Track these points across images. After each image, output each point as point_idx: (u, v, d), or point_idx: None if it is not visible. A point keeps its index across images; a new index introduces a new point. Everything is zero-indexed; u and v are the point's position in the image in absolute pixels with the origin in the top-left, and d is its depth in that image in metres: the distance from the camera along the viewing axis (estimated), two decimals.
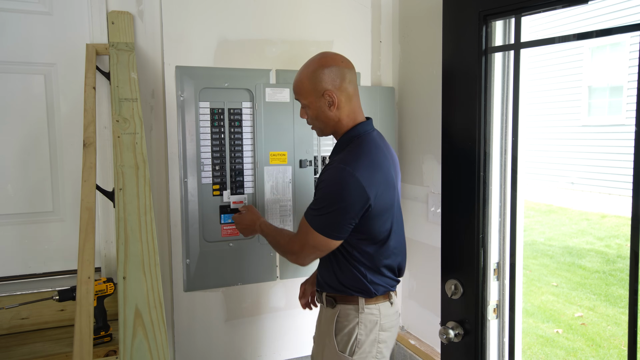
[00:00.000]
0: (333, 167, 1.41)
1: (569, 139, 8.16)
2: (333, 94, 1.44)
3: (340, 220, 1.39)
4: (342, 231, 1.41)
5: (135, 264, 1.33)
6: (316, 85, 1.45)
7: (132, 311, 1.27)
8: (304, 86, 1.47)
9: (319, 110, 1.48)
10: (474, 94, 1.33)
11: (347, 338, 1.49)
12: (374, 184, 1.39)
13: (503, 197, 1.41)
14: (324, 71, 1.45)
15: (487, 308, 1.39)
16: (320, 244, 1.43)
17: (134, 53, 1.72)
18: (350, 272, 1.49)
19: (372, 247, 1.47)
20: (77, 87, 1.77)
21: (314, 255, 1.48)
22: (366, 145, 1.46)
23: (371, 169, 1.41)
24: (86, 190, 1.43)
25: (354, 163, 1.39)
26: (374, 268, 1.49)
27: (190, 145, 1.87)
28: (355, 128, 1.49)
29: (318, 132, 1.56)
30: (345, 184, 1.36)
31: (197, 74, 1.87)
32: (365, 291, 1.49)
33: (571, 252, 5.36)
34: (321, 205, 1.41)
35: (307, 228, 1.44)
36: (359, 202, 1.38)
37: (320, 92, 1.45)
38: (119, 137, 1.52)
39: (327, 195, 1.40)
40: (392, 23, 2.23)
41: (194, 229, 1.89)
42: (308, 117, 1.52)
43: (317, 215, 1.42)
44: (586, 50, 7.99)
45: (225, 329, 1.98)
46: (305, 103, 1.49)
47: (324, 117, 1.48)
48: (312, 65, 1.47)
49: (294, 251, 1.50)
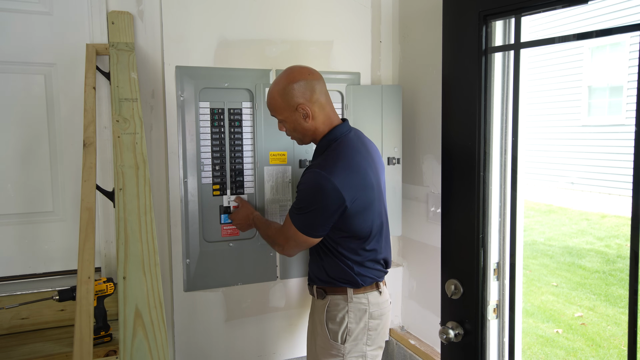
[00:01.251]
0: (311, 171, 1.50)
1: (569, 139, 8.16)
2: (306, 107, 1.53)
3: (318, 220, 1.50)
4: (320, 230, 1.52)
5: (135, 264, 1.33)
6: (288, 100, 1.53)
7: (132, 311, 1.27)
8: (277, 103, 1.55)
9: (295, 123, 1.57)
10: (474, 94, 1.33)
11: (338, 327, 1.58)
12: (350, 187, 1.48)
13: (503, 197, 1.41)
14: (293, 87, 1.52)
15: (487, 308, 1.39)
16: (301, 240, 1.55)
17: (134, 53, 1.72)
18: (337, 266, 1.58)
19: (356, 243, 1.57)
20: (77, 87, 1.77)
21: (298, 249, 1.61)
22: (343, 149, 1.54)
23: (347, 172, 1.49)
24: (86, 190, 1.43)
25: (330, 167, 1.47)
26: (359, 262, 1.58)
27: (190, 145, 1.87)
28: (331, 132, 1.58)
29: (298, 141, 1.66)
30: (321, 188, 1.46)
31: (197, 74, 1.87)
32: (352, 282, 1.58)
33: (571, 252, 5.36)
34: (300, 206, 1.52)
35: (289, 225, 1.55)
36: (335, 204, 1.47)
37: (293, 106, 1.53)
38: (119, 137, 1.52)
39: (305, 197, 1.50)
40: (392, 23, 2.23)
41: (194, 229, 1.89)
42: (286, 129, 1.61)
43: (297, 214, 1.53)
44: (586, 50, 7.99)
45: (226, 329, 1.98)
46: (282, 118, 1.58)
47: (301, 129, 1.58)
48: (281, 82, 1.54)
49: (280, 243, 1.63)
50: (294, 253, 1.64)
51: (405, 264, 2.24)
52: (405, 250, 2.24)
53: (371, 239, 1.57)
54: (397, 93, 2.15)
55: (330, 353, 1.58)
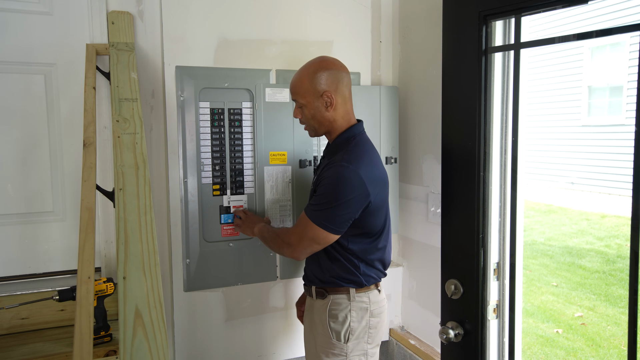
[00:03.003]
0: (336, 165, 1.48)
1: (569, 139, 8.16)
2: (331, 95, 1.53)
3: (341, 214, 1.47)
4: (342, 225, 1.49)
5: (135, 264, 1.33)
6: (315, 86, 1.52)
7: (132, 311, 1.27)
8: (304, 86, 1.54)
9: (316, 110, 1.55)
10: (474, 94, 1.33)
11: (341, 326, 1.57)
12: (374, 182, 1.49)
13: (503, 197, 1.41)
14: (323, 73, 1.53)
15: (487, 308, 1.39)
16: (318, 237, 1.50)
17: (134, 53, 1.72)
18: (342, 266, 1.57)
19: (367, 240, 1.56)
20: (77, 87, 1.77)
21: (311, 249, 1.55)
22: (364, 145, 1.56)
23: (371, 167, 1.50)
24: (86, 190, 1.43)
25: (356, 161, 1.48)
26: (366, 260, 1.58)
27: (190, 145, 1.87)
28: (351, 129, 1.59)
29: (311, 132, 1.63)
30: (349, 181, 1.45)
31: (197, 74, 1.87)
32: (356, 283, 1.58)
33: (571, 252, 5.36)
34: (323, 201, 1.48)
35: (306, 221, 1.51)
36: (361, 198, 1.46)
37: (319, 92, 1.53)
38: (119, 137, 1.52)
39: (331, 191, 1.47)
40: (392, 23, 2.23)
41: (194, 229, 1.89)
42: (303, 116, 1.59)
43: (317, 210, 1.50)
44: (586, 50, 8.00)
45: (225, 329, 1.98)
46: (303, 102, 1.56)
47: (320, 117, 1.56)
48: (312, 66, 1.55)
49: (291, 243, 1.57)
50: (305, 255, 1.58)
51: (405, 264, 2.24)
52: (405, 250, 2.24)
53: (382, 237, 1.59)
54: (394, 94, 2.15)
55: (333, 352, 1.57)
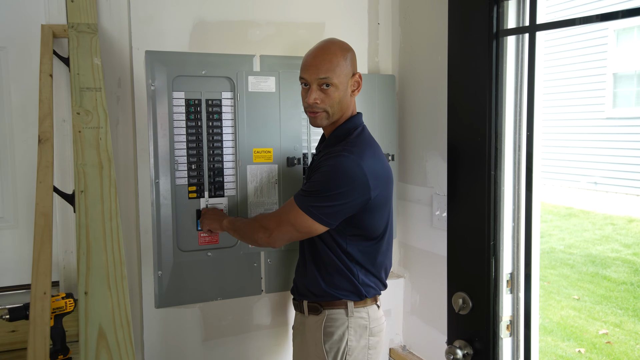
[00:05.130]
0: (337, 154, 1.49)
1: (591, 134, 8.23)
2: (360, 78, 1.59)
3: (334, 205, 1.47)
4: (331, 217, 1.49)
5: (99, 277, 1.33)
6: (350, 65, 1.57)
7: (95, 331, 1.27)
8: (340, 64, 1.54)
9: (344, 93, 1.57)
10: (484, 83, 1.34)
11: (337, 346, 1.57)
12: (377, 177, 1.50)
13: (517, 199, 1.42)
14: (352, 54, 1.59)
15: (500, 325, 1.40)
16: (299, 224, 1.50)
17: (97, 36, 1.71)
18: (340, 273, 1.58)
19: (368, 243, 1.58)
20: (31, 74, 1.76)
21: (289, 235, 1.55)
22: (367, 137, 1.59)
23: (375, 161, 1.52)
24: (42, 193, 1.42)
25: (360, 152, 1.50)
26: (367, 267, 1.59)
27: (162, 142, 1.86)
28: (353, 119, 1.61)
29: (324, 119, 1.58)
30: (349, 171, 1.46)
31: (170, 60, 1.86)
32: (355, 293, 1.58)
33: (594, 261, 5.41)
34: (316, 188, 1.49)
35: (290, 205, 1.53)
36: (359, 193, 1.48)
37: (351, 73, 1.57)
38: (80, 132, 1.51)
39: (326, 179, 1.48)
40: (392, 2, 2.24)
41: (166, 237, 1.88)
42: (327, 98, 1.54)
43: (307, 195, 1.50)
44: (611, 33, 8.07)
45: (203, 351, 1.98)
46: (337, 82, 1.54)
47: (346, 101, 1.58)
48: (340, 45, 1.58)
49: (267, 227, 1.57)
50: (282, 242, 1.59)
51: (407, 275, 2.25)
52: (407, 260, 2.25)
53: (383, 240, 1.60)
54: (391, 84, 2.16)
55: None
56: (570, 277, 5.06)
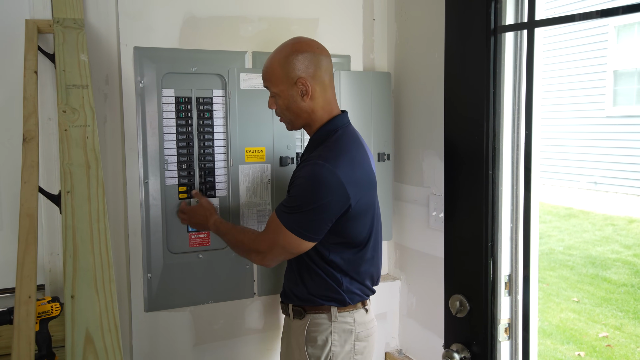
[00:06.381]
0: (311, 162, 1.48)
1: (591, 132, 8.27)
2: (307, 82, 1.52)
3: (316, 219, 1.47)
4: (318, 232, 1.49)
5: (86, 280, 1.32)
6: (288, 72, 1.52)
7: (82, 336, 1.26)
8: (275, 72, 1.54)
9: (290, 100, 1.55)
10: (482, 81, 1.34)
11: (320, 351, 1.57)
12: (355, 183, 1.48)
13: (515, 199, 1.43)
14: (297, 57, 1.53)
15: (498, 328, 1.41)
16: (290, 245, 1.50)
17: (83, 31, 1.71)
18: (322, 281, 1.57)
19: (351, 252, 1.56)
20: (15, 71, 1.75)
21: (282, 257, 1.57)
22: (346, 140, 1.55)
23: (352, 166, 1.50)
24: (26, 194, 1.41)
25: (335, 159, 1.47)
26: (351, 275, 1.58)
27: (151, 140, 1.85)
28: (331, 121, 1.58)
29: (288, 125, 1.65)
30: (325, 181, 1.44)
31: (160, 57, 1.86)
32: (338, 300, 1.58)
33: (594, 263, 5.44)
34: (296, 203, 1.48)
35: (277, 226, 1.51)
36: (338, 202, 1.46)
37: (292, 79, 1.53)
38: (66, 131, 1.50)
39: (304, 192, 1.48)
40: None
41: (156, 238, 1.88)
42: (277, 107, 1.60)
43: (290, 212, 1.49)
44: (611, 30, 8.11)
45: (194, 355, 1.97)
46: (276, 91, 1.57)
47: (295, 108, 1.56)
48: (284, 50, 1.55)
49: (260, 250, 1.57)
50: (276, 262, 1.61)
51: (403, 277, 2.26)
52: (403, 261, 2.25)
53: (367, 247, 1.59)
54: (386, 81, 2.16)
55: None
56: (570, 279, 5.08)
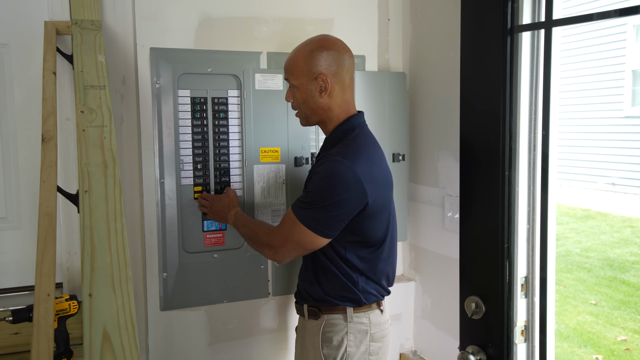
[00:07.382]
0: (330, 159, 1.49)
1: (609, 133, 8.16)
2: (327, 79, 1.54)
3: (332, 215, 1.47)
4: (333, 228, 1.49)
5: (104, 278, 1.33)
6: (311, 66, 1.54)
7: (100, 334, 1.27)
8: (298, 65, 1.56)
9: (308, 95, 1.57)
10: (498, 81, 1.33)
11: (336, 351, 1.57)
12: (373, 181, 1.49)
13: (532, 200, 1.42)
14: (322, 53, 1.54)
15: (514, 330, 1.40)
16: (305, 241, 1.51)
17: (101, 32, 1.72)
18: (338, 280, 1.57)
19: (367, 250, 1.57)
20: (35, 72, 1.77)
21: (296, 253, 1.58)
22: (363, 139, 1.57)
23: (370, 164, 1.51)
24: (45, 193, 1.43)
25: (353, 157, 1.48)
26: (367, 274, 1.58)
27: (167, 141, 1.87)
28: (348, 120, 1.59)
29: (302, 120, 1.65)
30: (343, 178, 1.45)
31: (176, 58, 1.87)
32: (354, 300, 1.58)
33: (612, 265, 5.37)
34: (313, 199, 1.49)
35: (293, 221, 1.51)
36: (356, 199, 1.46)
37: (314, 74, 1.54)
38: (84, 131, 1.52)
39: (322, 188, 1.48)
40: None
41: (172, 238, 1.89)
42: (295, 100, 1.61)
43: (306, 208, 1.50)
44: (630, 29, 8.00)
45: (209, 354, 1.99)
46: (295, 84, 1.58)
47: (312, 103, 1.58)
48: (310, 44, 1.57)
49: (273, 245, 1.59)
50: (289, 258, 1.61)
51: (418, 279, 2.25)
52: (418, 263, 2.25)
53: (384, 246, 1.59)
54: (401, 81, 2.16)
55: None
56: (587, 282, 5.02)
